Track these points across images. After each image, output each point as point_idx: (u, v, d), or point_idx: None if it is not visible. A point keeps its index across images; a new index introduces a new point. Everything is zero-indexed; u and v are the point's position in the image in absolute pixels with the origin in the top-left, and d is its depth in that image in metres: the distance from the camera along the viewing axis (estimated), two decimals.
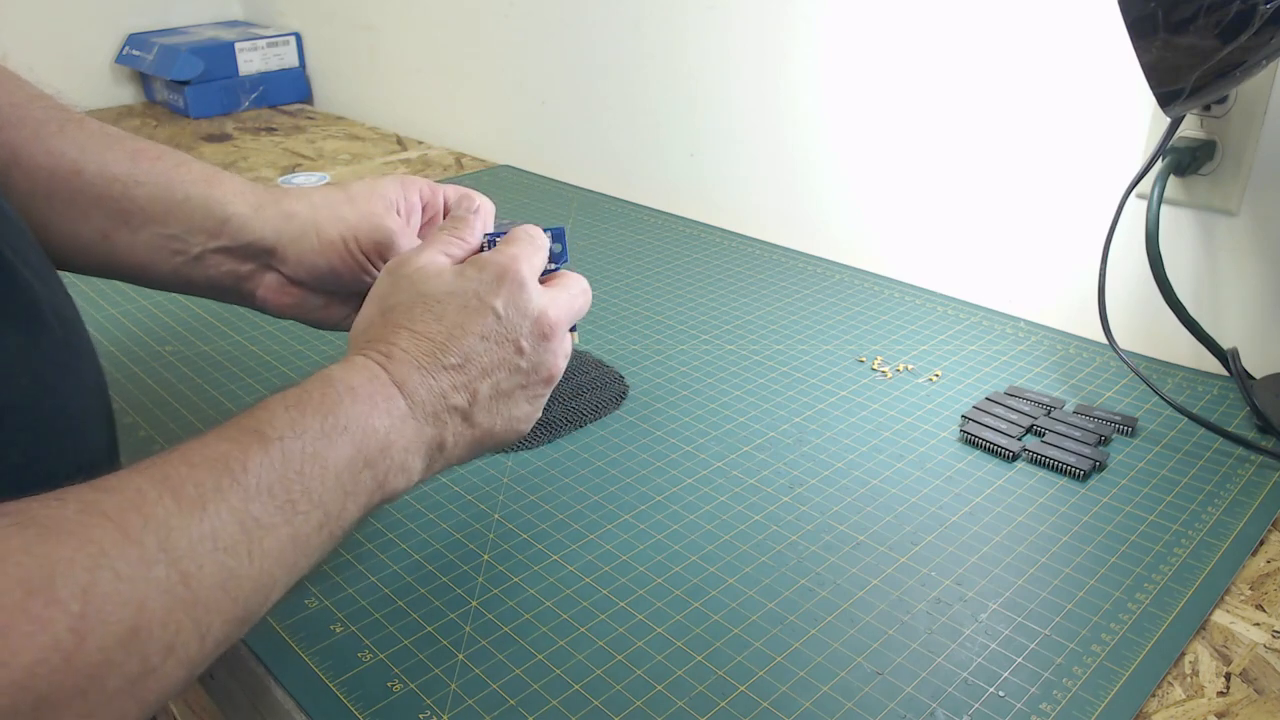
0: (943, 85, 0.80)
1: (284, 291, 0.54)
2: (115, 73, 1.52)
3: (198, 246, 0.52)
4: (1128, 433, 0.61)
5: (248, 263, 0.53)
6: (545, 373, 0.47)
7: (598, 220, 1.00)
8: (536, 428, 0.60)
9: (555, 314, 0.47)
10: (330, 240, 0.52)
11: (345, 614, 0.47)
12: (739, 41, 0.93)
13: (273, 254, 0.52)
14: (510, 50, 1.18)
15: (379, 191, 0.54)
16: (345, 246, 0.52)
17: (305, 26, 1.52)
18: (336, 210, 0.52)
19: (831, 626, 0.46)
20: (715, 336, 0.75)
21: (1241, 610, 0.48)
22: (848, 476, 0.58)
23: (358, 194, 0.53)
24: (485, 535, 0.53)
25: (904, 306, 0.80)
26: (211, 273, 0.53)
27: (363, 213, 0.52)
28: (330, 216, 0.52)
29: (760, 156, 0.95)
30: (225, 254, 0.52)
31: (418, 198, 0.55)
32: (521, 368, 0.45)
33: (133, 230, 0.51)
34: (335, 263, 0.52)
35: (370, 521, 0.53)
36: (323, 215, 0.52)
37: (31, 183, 0.49)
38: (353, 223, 0.52)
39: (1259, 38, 0.52)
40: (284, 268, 0.53)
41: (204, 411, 0.64)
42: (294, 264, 0.52)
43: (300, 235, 0.52)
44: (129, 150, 0.52)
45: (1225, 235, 0.68)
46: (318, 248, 0.52)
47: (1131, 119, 0.71)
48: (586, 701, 0.42)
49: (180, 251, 0.52)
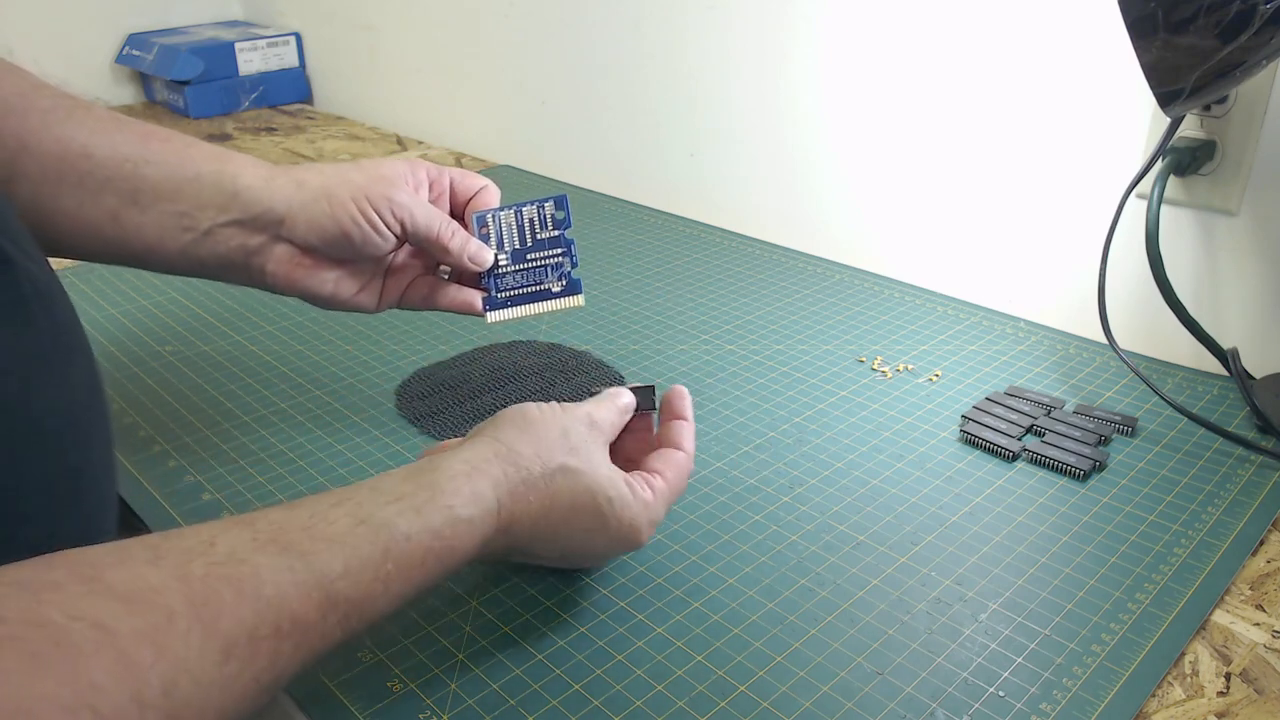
0: (942, 85, 0.80)
1: (295, 263, 0.53)
2: (115, 73, 1.52)
3: (207, 221, 0.52)
4: (1128, 433, 0.61)
5: (258, 234, 0.52)
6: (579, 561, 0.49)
7: (598, 220, 1.00)
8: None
9: (647, 532, 0.46)
10: (341, 201, 0.52)
11: None
12: (739, 41, 0.93)
13: (283, 223, 0.52)
14: (510, 50, 1.18)
15: (387, 164, 0.55)
16: (356, 205, 0.52)
17: (305, 26, 1.52)
18: (345, 175, 0.53)
19: (831, 626, 0.46)
20: (715, 336, 0.75)
21: (1241, 610, 0.48)
22: (848, 476, 0.58)
23: (366, 164, 0.54)
24: None
25: (904, 306, 0.80)
26: (221, 248, 0.52)
27: (371, 176, 0.53)
28: (340, 180, 0.52)
29: (760, 156, 0.95)
30: (236, 226, 0.52)
31: (424, 175, 0.56)
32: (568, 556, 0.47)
33: (142, 209, 0.51)
34: (346, 224, 0.52)
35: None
36: (333, 181, 0.52)
37: (41, 168, 0.50)
38: (362, 184, 0.52)
39: (1259, 38, 0.52)
40: (295, 236, 0.52)
41: (204, 411, 0.64)
42: (305, 229, 0.52)
43: (311, 200, 0.52)
44: (139, 132, 0.52)
45: (1225, 235, 0.68)
46: (329, 210, 0.52)
47: (1131, 119, 0.71)
48: (586, 701, 0.42)
49: (189, 228, 0.52)
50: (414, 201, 0.53)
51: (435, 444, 0.60)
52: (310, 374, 0.69)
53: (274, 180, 0.52)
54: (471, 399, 0.65)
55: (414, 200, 0.53)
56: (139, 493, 0.56)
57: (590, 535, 0.44)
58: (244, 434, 0.62)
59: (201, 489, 0.56)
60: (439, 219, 0.54)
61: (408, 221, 0.53)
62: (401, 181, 0.54)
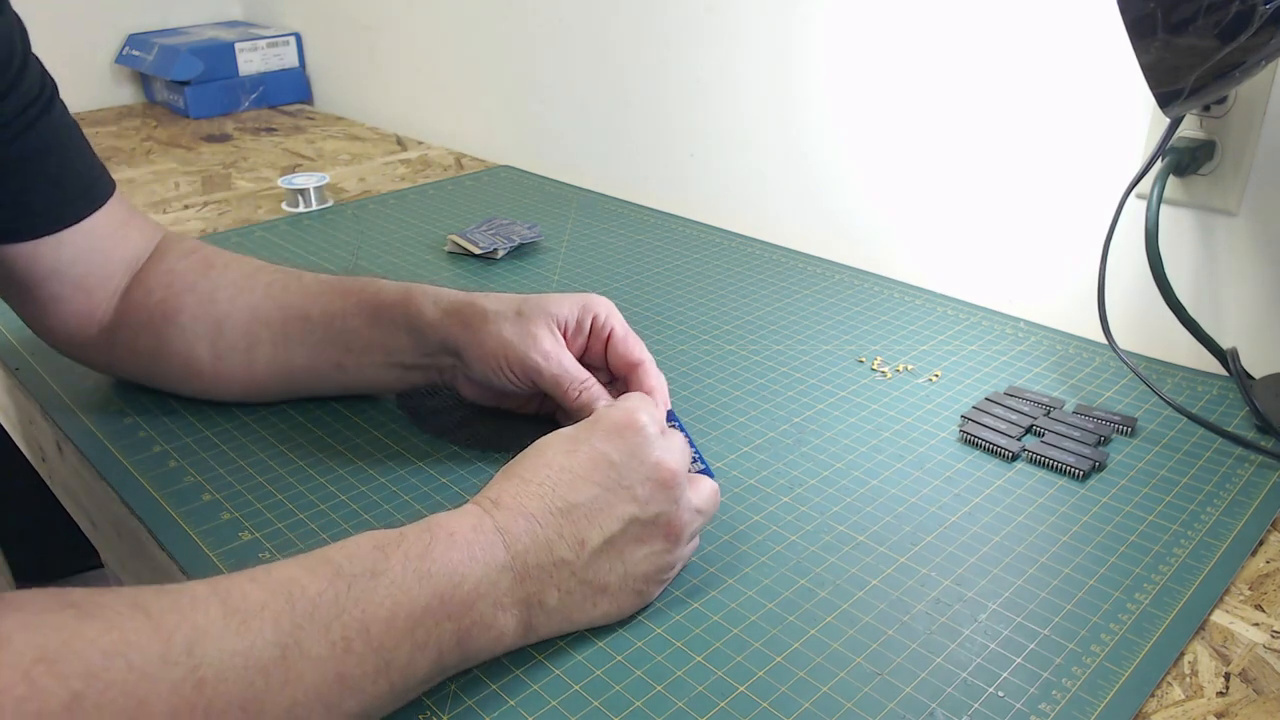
0: (942, 86, 0.80)
1: (471, 387, 0.60)
2: (115, 73, 1.52)
3: (410, 359, 0.59)
4: (1127, 433, 0.61)
5: (447, 357, 0.59)
6: (665, 524, 0.45)
7: (598, 220, 1.00)
8: (536, 430, 0.60)
9: (674, 461, 0.45)
10: (487, 355, 0.56)
11: None
12: (739, 41, 0.93)
13: (458, 356, 0.58)
14: (510, 50, 1.18)
15: (550, 309, 0.56)
16: (498, 364, 0.56)
17: (305, 26, 1.52)
18: (500, 326, 0.56)
19: (831, 627, 0.46)
20: (715, 336, 0.75)
21: (1241, 610, 0.48)
22: (847, 477, 0.58)
23: (529, 310, 0.56)
24: None
25: (904, 306, 0.80)
26: (425, 373, 0.60)
27: (522, 334, 0.55)
28: (493, 332, 0.56)
29: (760, 157, 0.95)
30: (430, 356, 0.59)
31: (590, 321, 0.57)
32: (638, 518, 0.44)
33: (357, 356, 0.60)
34: (491, 376, 0.57)
35: (371, 523, 0.53)
36: (489, 329, 0.56)
37: (271, 333, 0.60)
38: (508, 341, 0.56)
39: (1259, 38, 0.52)
40: (463, 369, 0.58)
41: (204, 411, 0.64)
42: (467, 368, 0.58)
43: (470, 345, 0.56)
44: (339, 290, 0.60)
45: (1225, 235, 0.68)
46: (479, 358, 0.56)
47: (1131, 119, 0.71)
48: (586, 702, 0.42)
49: (397, 364, 0.60)
50: (545, 362, 0.55)
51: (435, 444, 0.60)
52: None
53: (446, 319, 0.57)
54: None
55: (545, 360, 0.55)
56: (139, 493, 0.56)
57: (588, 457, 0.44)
58: (244, 434, 0.62)
59: (202, 489, 0.56)
60: (567, 381, 0.55)
61: (537, 381, 0.56)
62: (546, 333, 0.56)
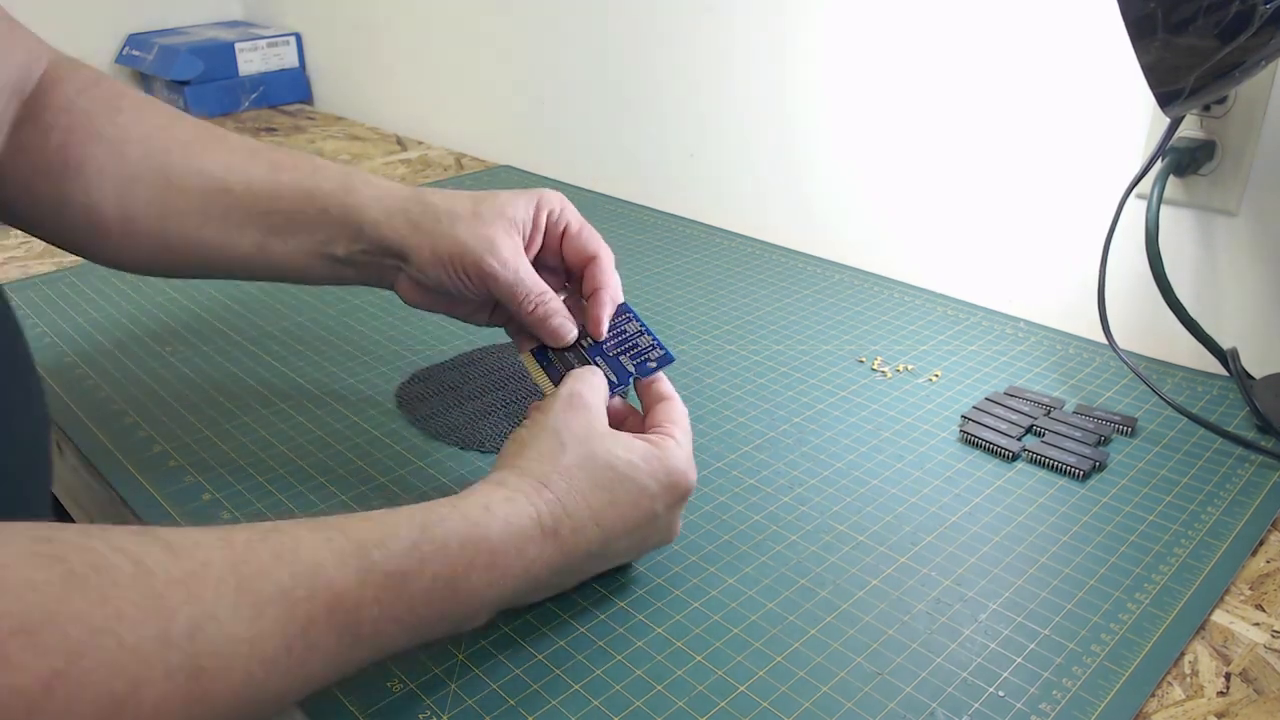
0: (942, 85, 0.80)
1: (415, 291, 0.56)
2: (115, 73, 1.52)
3: (343, 249, 0.55)
4: (1127, 433, 0.61)
5: (388, 258, 0.55)
6: (659, 538, 0.48)
7: (597, 220, 1.00)
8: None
9: (692, 479, 0.47)
10: (440, 257, 0.53)
11: None
12: (738, 41, 0.93)
13: (403, 258, 0.54)
14: (510, 50, 1.18)
15: (507, 212, 0.54)
16: (452, 268, 0.53)
17: (305, 26, 1.52)
18: (455, 227, 0.53)
19: (831, 626, 0.46)
20: (715, 336, 0.75)
21: (1241, 610, 0.48)
22: (847, 476, 0.58)
23: (485, 211, 0.54)
24: None
25: (904, 306, 0.80)
26: (359, 270, 0.56)
27: (477, 236, 0.53)
28: (446, 233, 0.53)
29: (761, 156, 0.95)
30: (368, 254, 0.55)
31: (545, 218, 0.56)
32: (647, 539, 0.47)
33: (283, 240, 0.55)
34: (444, 278, 0.54)
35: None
36: (442, 229, 0.53)
37: (187, 202, 0.54)
38: (463, 243, 0.52)
39: (1259, 38, 0.52)
40: (412, 271, 0.55)
41: (204, 412, 0.64)
42: (417, 271, 0.54)
43: (419, 246, 0.53)
44: (269, 163, 0.55)
45: (1225, 235, 0.68)
46: (431, 260, 0.53)
47: (1131, 119, 0.71)
48: (586, 701, 0.42)
49: (328, 255, 0.55)
50: (503, 269, 0.52)
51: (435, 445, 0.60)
52: (310, 374, 0.69)
53: (392, 218, 0.54)
54: (472, 400, 0.65)
55: (503, 267, 0.53)
56: (139, 493, 0.56)
57: (637, 498, 0.45)
58: (244, 434, 0.62)
59: (202, 489, 0.56)
60: (523, 293, 0.53)
61: (492, 289, 0.53)
62: (504, 238, 0.53)
